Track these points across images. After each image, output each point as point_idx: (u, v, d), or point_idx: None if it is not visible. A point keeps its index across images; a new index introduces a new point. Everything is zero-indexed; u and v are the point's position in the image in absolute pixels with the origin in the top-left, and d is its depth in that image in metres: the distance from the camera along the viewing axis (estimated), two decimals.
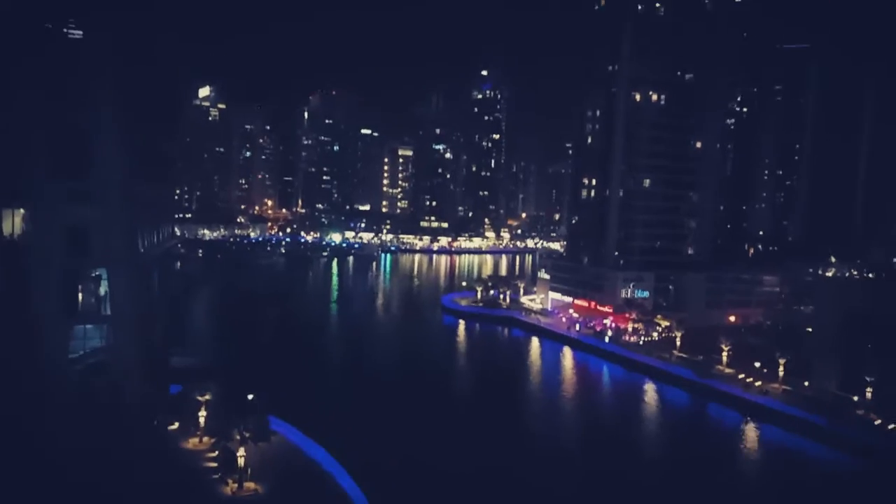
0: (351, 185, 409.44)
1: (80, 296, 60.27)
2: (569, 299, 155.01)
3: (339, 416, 75.76)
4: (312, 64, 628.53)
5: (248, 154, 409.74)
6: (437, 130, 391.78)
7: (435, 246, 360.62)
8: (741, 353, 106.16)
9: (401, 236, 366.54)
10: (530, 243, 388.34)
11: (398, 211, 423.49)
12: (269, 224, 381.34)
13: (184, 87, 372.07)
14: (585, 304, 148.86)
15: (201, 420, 62.25)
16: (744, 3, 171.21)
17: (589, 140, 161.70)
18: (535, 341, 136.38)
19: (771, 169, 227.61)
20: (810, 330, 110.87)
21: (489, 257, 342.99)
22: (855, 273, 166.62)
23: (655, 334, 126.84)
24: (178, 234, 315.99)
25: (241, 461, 54.20)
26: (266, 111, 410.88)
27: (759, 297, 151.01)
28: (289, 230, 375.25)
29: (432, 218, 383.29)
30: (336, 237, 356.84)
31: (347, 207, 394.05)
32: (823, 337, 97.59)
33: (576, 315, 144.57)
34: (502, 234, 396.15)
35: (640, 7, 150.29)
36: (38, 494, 42.28)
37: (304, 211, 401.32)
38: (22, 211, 57.78)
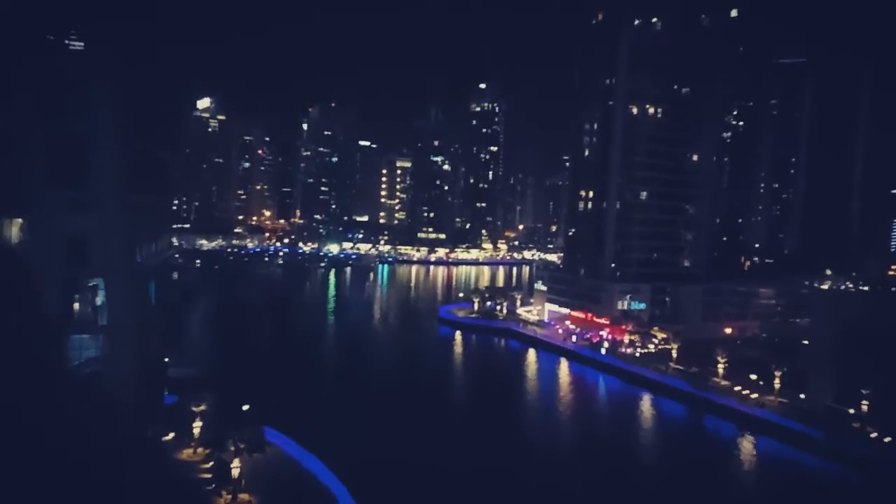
0: (349, 196, 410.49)
1: (76, 305, 60.33)
2: (566, 311, 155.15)
3: (334, 428, 75.64)
4: (312, 75, 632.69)
5: (246, 165, 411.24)
6: (436, 142, 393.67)
7: (432, 257, 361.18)
8: (737, 365, 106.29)
9: (398, 247, 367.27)
10: (527, 255, 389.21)
11: (396, 222, 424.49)
12: (267, 234, 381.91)
13: (183, 98, 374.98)
14: (582, 315, 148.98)
15: (196, 431, 62.14)
16: (740, 18, 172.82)
17: (586, 153, 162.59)
18: (531, 352, 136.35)
19: (767, 182, 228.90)
20: (806, 342, 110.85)
21: (486, 269, 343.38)
22: (850, 286, 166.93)
23: (652, 346, 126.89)
24: (176, 244, 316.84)
25: (235, 472, 54.12)
26: (265, 123, 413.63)
27: (756, 309, 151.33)
28: (287, 241, 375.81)
29: (430, 229, 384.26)
30: (334, 248, 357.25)
31: (345, 218, 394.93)
32: (819, 349, 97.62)
33: (572, 326, 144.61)
34: (499, 245, 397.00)
35: (636, 22, 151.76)
36: None
37: (302, 222, 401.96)
38: (20, 220, 57.95)
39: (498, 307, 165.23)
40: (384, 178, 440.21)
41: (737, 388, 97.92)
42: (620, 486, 69.90)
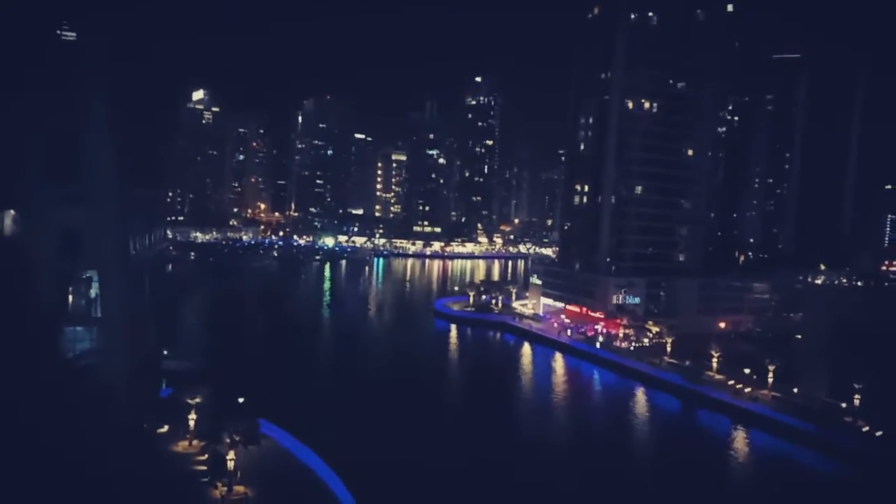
0: (344, 189, 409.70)
1: (70, 297, 60.18)
2: (561, 305, 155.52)
3: (329, 420, 75.72)
4: (307, 69, 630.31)
5: (241, 157, 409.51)
6: (431, 136, 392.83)
7: (428, 250, 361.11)
8: (731, 359, 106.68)
9: (394, 241, 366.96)
10: (523, 249, 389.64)
11: (391, 215, 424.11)
12: (262, 227, 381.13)
13: (178, 90, 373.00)
14: (577, 309, 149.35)
15: (191, 423, 62.10)
16: (736, 13, 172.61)
17: (581, 147, 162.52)
18: (526, 346, 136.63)
19: (761, 177, 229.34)
20: (800, 337, 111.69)
21: (482, 262, 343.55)
22: (844, 281, 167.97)
23: (646, 340, 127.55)
24: (171, 236, 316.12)
25: (230, 464, 54.14)
26: (260, 115, 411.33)
27: (750, 304, 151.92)
28: (281, 233, 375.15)
29: (425, 223, 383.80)
30: (329, 241, 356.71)
31: (340, 211, 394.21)
32: (812, 344, 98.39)
33: (567, 320, 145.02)
34: (495, 239, 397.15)
35: (632, 16, 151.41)
36: (26, 498, 42.05)
37: (297, 214, 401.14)
38: (12, 212, 57.72)
39: (493, 301, 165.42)
40: (379, 172, 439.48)
41: (730, 383, 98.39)
42: (614, 479, 70.23)
